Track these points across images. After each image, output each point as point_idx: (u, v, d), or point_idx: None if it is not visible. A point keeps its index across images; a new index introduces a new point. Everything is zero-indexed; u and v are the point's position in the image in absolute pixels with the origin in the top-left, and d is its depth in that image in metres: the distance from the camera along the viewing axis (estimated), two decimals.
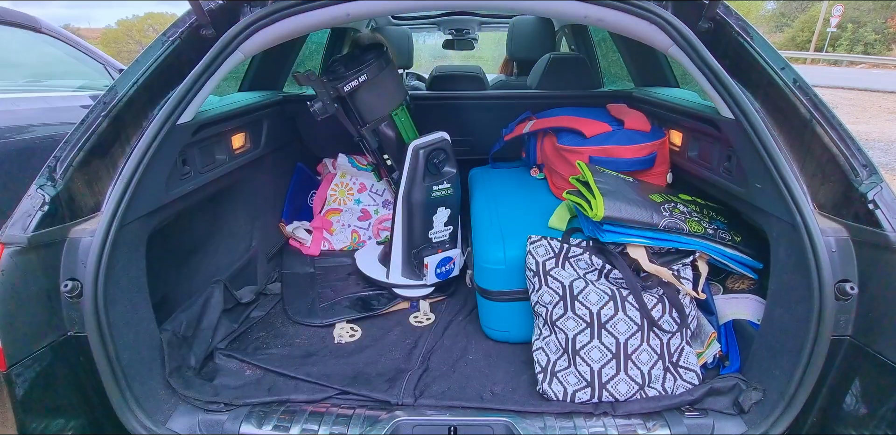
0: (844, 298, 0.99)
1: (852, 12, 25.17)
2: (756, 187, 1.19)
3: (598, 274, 1.35)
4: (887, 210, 0.95)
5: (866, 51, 24.82)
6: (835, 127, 1.03)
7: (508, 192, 1.84)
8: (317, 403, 1.21)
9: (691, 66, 1.20)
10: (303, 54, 2.59)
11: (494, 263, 1.44)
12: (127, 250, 1.11)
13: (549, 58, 2.26)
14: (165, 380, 1.19)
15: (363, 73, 1.64)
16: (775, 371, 1.11)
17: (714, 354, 1.32)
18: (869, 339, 0.99)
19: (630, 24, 1.22)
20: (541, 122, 1.90)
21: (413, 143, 1.76)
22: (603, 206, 1.27)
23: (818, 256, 1.00)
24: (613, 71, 2.89)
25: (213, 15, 1.14)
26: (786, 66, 1.10)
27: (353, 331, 1.59)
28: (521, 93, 2.35)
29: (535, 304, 1.34)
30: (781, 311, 1.12)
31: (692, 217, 1.35)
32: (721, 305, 1.42)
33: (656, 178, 1.68)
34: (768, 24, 31.05)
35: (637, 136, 1.66)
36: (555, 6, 1.23)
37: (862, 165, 1.00)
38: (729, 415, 1.14)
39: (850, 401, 1.02)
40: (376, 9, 1.24)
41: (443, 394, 1.25)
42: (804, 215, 1.03)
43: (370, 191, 2.34)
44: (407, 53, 3.17)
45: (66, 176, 1.04)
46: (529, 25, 2.93)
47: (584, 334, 1.24)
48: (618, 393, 1.21)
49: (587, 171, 1.40)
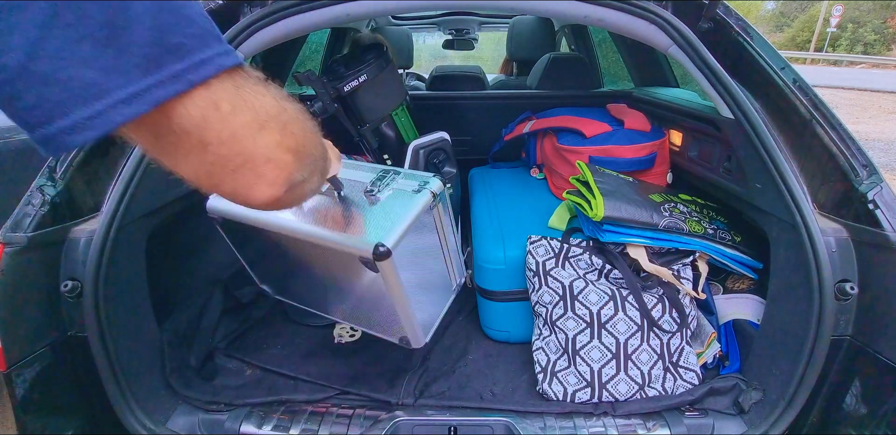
0: (844, 298, 0.99)
1: (852, 12, 25.18)
2: (756, 187, 1.19)
3: (598, 274, 1.36)
4: (887, 210, 0.95)
5: (866, 51, 24.83)
6: (835, 127, 1.03)
7: (508, 192, 1.84)
8: (317, 403, 1.21)
9: (691, 66, 1.20)
10: (303, 54, 2.59)
11: (494, 263, 1.44)
12: (127, 250, 1.11)
13: (549, 58, 2.26)
14: (165, 380, 1.19)
15: (363, 73, 1.64)
16: (775, 371, 1.11)
17: (714, 354, 1.32)
18: (869, 339, 0.99)
19: (630, 24, 1.22)
20: (541, 122, 1.90)
21: (413, 143, 1.76)
22: (603, 207, 1.27)
23: (818, 256, 1.00)
24: (613, 71, 2.89)
25: (213, 15, 1.14)
26: (786, 66, 1.11)
27: (354, 331, 1.59)
28: (521, 93, 2.35)
29: (535, 304, 1.34)
30: (781, 311, 1.12)
31: (692, 217, 1.35)
32: (721, 305, 1.42)
33: (656, 178, 1.68)
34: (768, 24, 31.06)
35: (637, 136, 1.66)
36: (555, 6, 1.23)
37: (862, 165, 1.00)
38: (729, 415, 1.14)
39: (850, 401, 1.02)
40: (376, 9, 1.24)
41: (443, 394, 1.25)
42: (804, 215, 1.03)
43: None
44: (407, 53, 3.17)
45: (66, 176, 1.04)
46: (529, 25, 2.93)
47: (584, 334, 1.24)
48: (618, 393, 1.21)
49: (587, 171, 1.40)
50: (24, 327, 0.99)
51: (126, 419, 1.08)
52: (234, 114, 0.40)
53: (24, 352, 0.99)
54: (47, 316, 1.03)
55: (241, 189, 0.43)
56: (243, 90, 0.41)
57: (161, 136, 0.39)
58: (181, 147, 0.40)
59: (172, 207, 1.27)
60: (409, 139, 1.82)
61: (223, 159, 0.41)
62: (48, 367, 1.03)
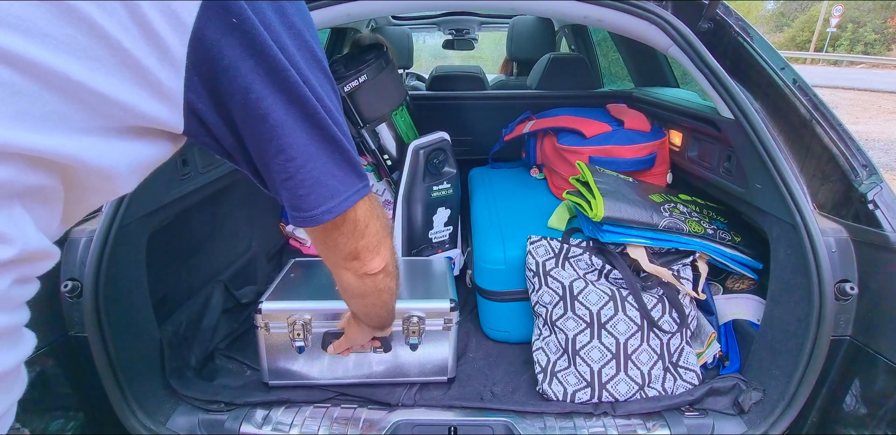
0: (844, 298, 0.99)
1: (852, 12, 25.19)
2: (756, 187, 1.19)
3: (598, 274, 1.36)
4: (887, 210, 0.95)
5: (866, 51, 24.83)
6: (835, 127, 1.03)
7: (508, 192, 1.84)
8: (317, 404, 1.21)
9: (691, 66, 1.20)
10: None
11: (494, 263, 1.44)
12: (127, 250, 1.11)
13: (548, 58, 2.26)
14: (165, 380, 1.19)
15: (363, 73, 1.64)
16: (775, 371, 1.11)
17: (714, 354, 1.32)
18: (869, 339, 0.99)
19: (630, 24, 1.23)
20: (541, 123, 1.90)
21: (413, 143, 1.76)
22: (603, 207, 1.27)
23: (818, 257, 1.00)
24: (613, 71, 2.89)
25: None
26: (785, 67, 1.11)
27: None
28: (521, 93, 2.35)
29: (535, 304, 1.34)
30: (781, 311, 1.12)
31: (692, 217, 1.35)
32: (721, 305, 1.42)
33: (656, 179, 1.68)
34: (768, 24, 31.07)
35: (637, 137, 1.66)
36: (555, 6, 1.23)
37: (862, 165, 1.00)
38: (729, 415, 1.14)
39: (850, 401, 1.02)
40: (376, 9, 1.24)
41: (443, 394, 1.25)
42: (804, 215, 1.03)
43: None
44: (407, 53, 3.17)
45: None
46: (529, 25, 2.93)
47: (584, 334, 1.24)
48: (618, 393, 1.21)
49: (587, 172, 1.40)
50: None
51: (126, 419, 1.08)
52: (376, 219, 0.67)
53: None
54: (47, 316, 1.03)
55: (368, 259, 0.69)
56: (374, 203, 0.67)
57: (336, 226, 0.63)
58: (348, 234, 0.65)
59: (172, 207, 1.27)
60: (408, 139, 1.82)
61: (369, 242, 0.68)
62: (48, 367, 1.03)
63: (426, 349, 1.24)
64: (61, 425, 1.08)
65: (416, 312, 1.20)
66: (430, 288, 1.33)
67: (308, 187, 0.57)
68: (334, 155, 0.57)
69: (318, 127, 0.54)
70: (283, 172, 0.55)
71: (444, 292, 1.28)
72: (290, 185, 0.56)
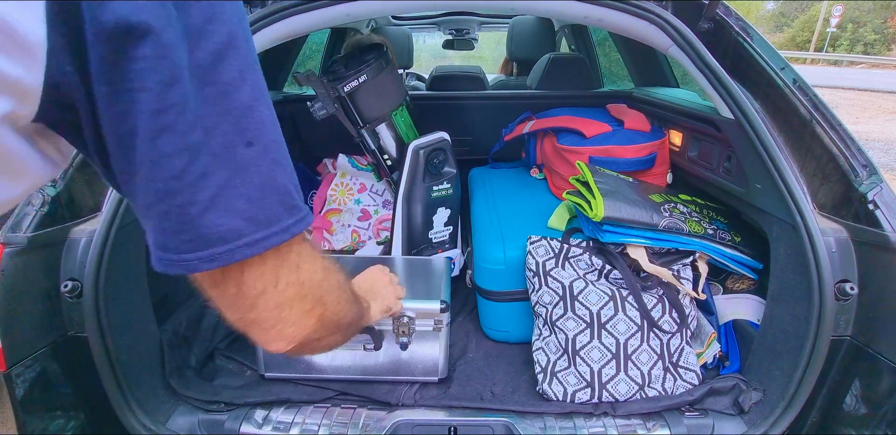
0: (844, 298, 0.99)
1: (852, 12, 25.19)
2: (756, 187, 1.19)
3: (598, 274, 1.36)
4: (887, 210, 0.95)
5: (866, 51, 24.83)
6: (835, 127, 1.03)
7: (508, 192, 1.84)
8: (317, 404, 1.21)
9: (691, 66, 1.20)
10: (303, 54, 2.59)
11: (494, 263, 1.44)
12: (127, 250, 1.11)
13: (549, 58, 2.26)
14: (165, 380, 1.19)
15: (363, 73, 1.64)
16: (775, 371, 1.11)
17: (714, 354, 1.32)
18: (869, 339, 0.99)
19: (630, 24, 1.22)
20: (541, 123, 1.90)
21: (413, 143, 1.76)
22: (603, 207, 1.27)
23: (818, 257, 1.00)
24: (613, 71, 2.89)
25: None
26: (785, 67, 1.11)
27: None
28: (521, 93, 2.35)
29: (535, 304, 1.34)
30: (781, 311, 1.12)
31: (692, 217, 1.35)
32: (721, 305, 1.42)
33: (656, 179, 1.68)
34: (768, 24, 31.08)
35: (637, 137, 1.66)
36: (555, 6, 1.23)
37: (862, 165, 1.00)
38: (729, 415, 1.14)
39: (850, 401, 1.02)
40: (376, 9, 1.24)
41: (443, 394, 1.25)
42: (804, 215, 1.03)
43: (370, 191, 2.34)
44: (407, 53, 3.17)
45: (66, 176, 1.04)
46: (529, 25, 2.93)
47: (584, 335, 1.24)
48: (618, 393, 1.21)
49: (587, 172, 1.40)
50: (24, 328, 0.99)
51: (126, 419, 1.08)
52: (286, 288, 0.48)
53: (24, 352, 0.99)
54: (47, 316, 1.03)
55: (262, 340, 0.52)
56: (292, 258, 0.47)
57: (215, 283, 0.47)
58: (229, 298, 0.47)
59: None
60: (408, 139, 1.82)
61: (261, 317, 0.49)
62: (48, 367, 1.03)
63: (418, 349, 1.24)
64: (61, 425, 1.08)
65: (407, 311, 1.20)
66: (424, 288, 1.33)
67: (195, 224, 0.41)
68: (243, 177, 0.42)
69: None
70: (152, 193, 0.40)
71: (436, 293, 1.28)
72: (158, 211, 0.41)
